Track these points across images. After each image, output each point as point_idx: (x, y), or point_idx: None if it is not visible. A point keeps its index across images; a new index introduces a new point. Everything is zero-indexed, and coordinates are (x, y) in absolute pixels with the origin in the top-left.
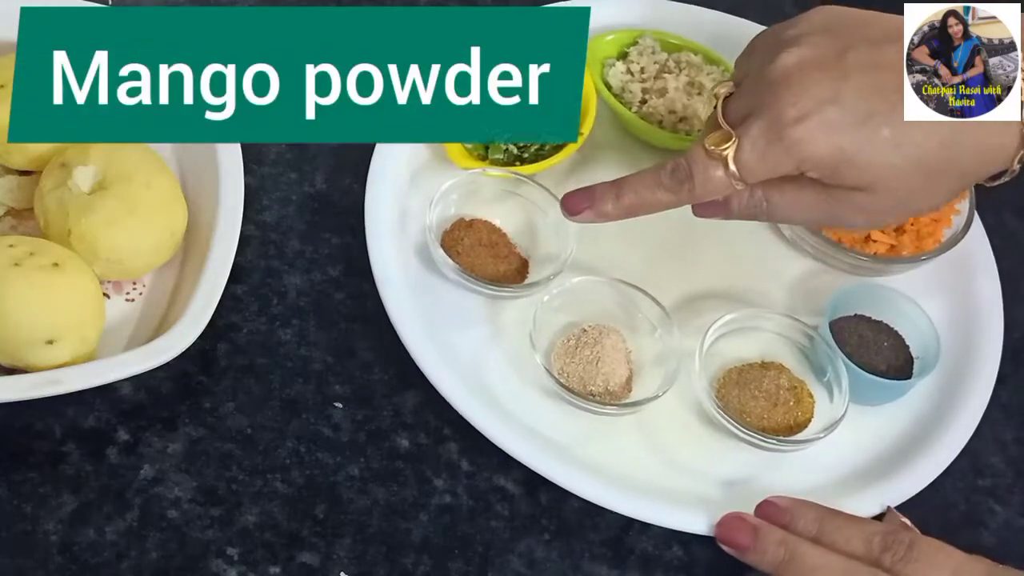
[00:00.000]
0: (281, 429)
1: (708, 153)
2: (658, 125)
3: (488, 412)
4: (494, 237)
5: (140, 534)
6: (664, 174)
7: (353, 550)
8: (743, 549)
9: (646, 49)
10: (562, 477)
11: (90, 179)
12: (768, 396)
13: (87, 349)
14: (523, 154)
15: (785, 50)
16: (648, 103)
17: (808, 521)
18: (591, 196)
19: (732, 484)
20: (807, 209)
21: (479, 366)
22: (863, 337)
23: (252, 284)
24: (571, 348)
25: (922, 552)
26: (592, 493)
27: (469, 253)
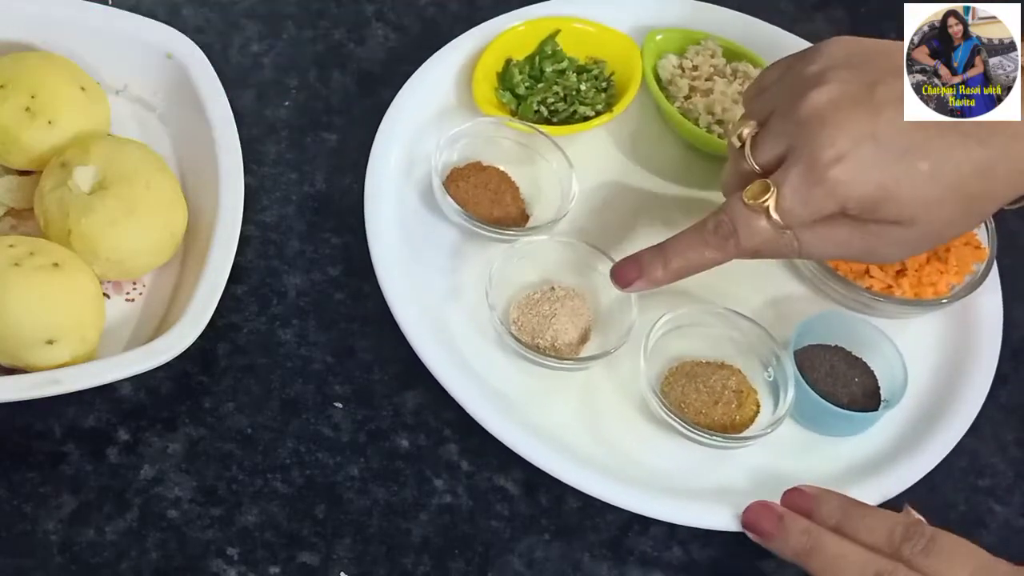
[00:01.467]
0: (281, 429)
1: (749, 207)
2: (694, 122)
3: (471, 385)
4: (502, 185)
5: (140, 534)
6: (708, 233)
7: (353, 550)
8: (768, 536)
9: (705, 51)
10: (562, 471)
11: (90, 179)
12: (712, 393)
13: (87, 349)
14: (552, 118)
15: (813, 88)
16: (691, 99)
17: (832, 509)
18: (639, 265)
19: (749, 476)
20: (840, 246)
21: (451, 328)
22: (834, 367)
23: (252, 284)
24: (533, 302)
25: (943, 546)
26: (595, 488)
27: (471, 192)
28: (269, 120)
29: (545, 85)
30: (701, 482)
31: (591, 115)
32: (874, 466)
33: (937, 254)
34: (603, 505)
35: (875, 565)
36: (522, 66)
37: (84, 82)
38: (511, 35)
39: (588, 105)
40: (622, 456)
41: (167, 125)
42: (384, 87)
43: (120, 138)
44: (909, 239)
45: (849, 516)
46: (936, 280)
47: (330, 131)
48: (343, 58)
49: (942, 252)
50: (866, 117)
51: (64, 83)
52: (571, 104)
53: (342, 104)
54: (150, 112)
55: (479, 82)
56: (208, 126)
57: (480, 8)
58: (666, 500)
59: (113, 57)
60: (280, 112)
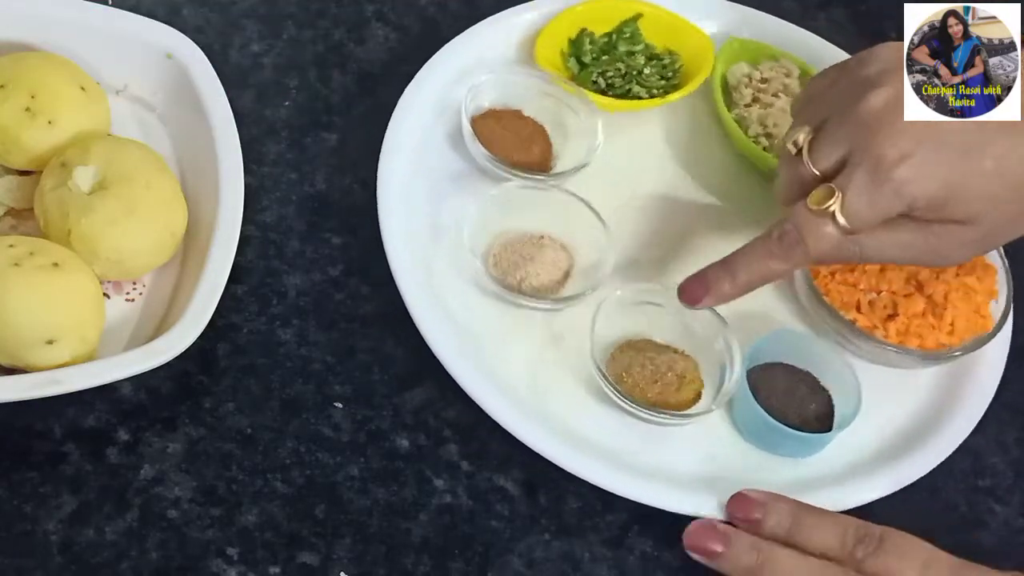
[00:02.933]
0: (281, 429)
1: (814, 212)
2: (744, 130)
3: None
4: (534, 135)
5: (140, 534)
6: (773, 244)
7: (353, 550)
8: (714, 557)
9: (780, 68)
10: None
11: (90, 179)
12: (655, 371)
13: (87, 349)
14: (607, 91)
15: (872, 90)
16: (749, 108)
17: (782, 516)
18: (706, 282)
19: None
20: (903, 248)
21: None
22: (787, 387)
23: (252, 284)
24: (514, 242)
25: (893, 544)
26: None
27: (499, 132)
28: (269, 120)
29: (610, 59)
30: (675, 466)
31: (644, 97)
32: (868, 465)
33: (935, 307)
34: (603, 505)
35: (827, 573)
36: (596, 38)
37: (84, 82)
38: (594, 6)
39: (645, 88)
40: (593, 428)
41: (167, 125)
42: (384, 87)
43: (120, 138)
44: (974, 239)
45: (799, 523)
46: (924, 334)
47: (330, 131)
48: (343, 58)
49: (940, 306)
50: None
51: (64, 83)
52: (628, 82)
53: (342, 104)
54: (150, 112)
55: (544, 40)
56: (208, 126)
57: (480, 8)
58: (631, 478)
59: (113, 57)
60: (280, 112)
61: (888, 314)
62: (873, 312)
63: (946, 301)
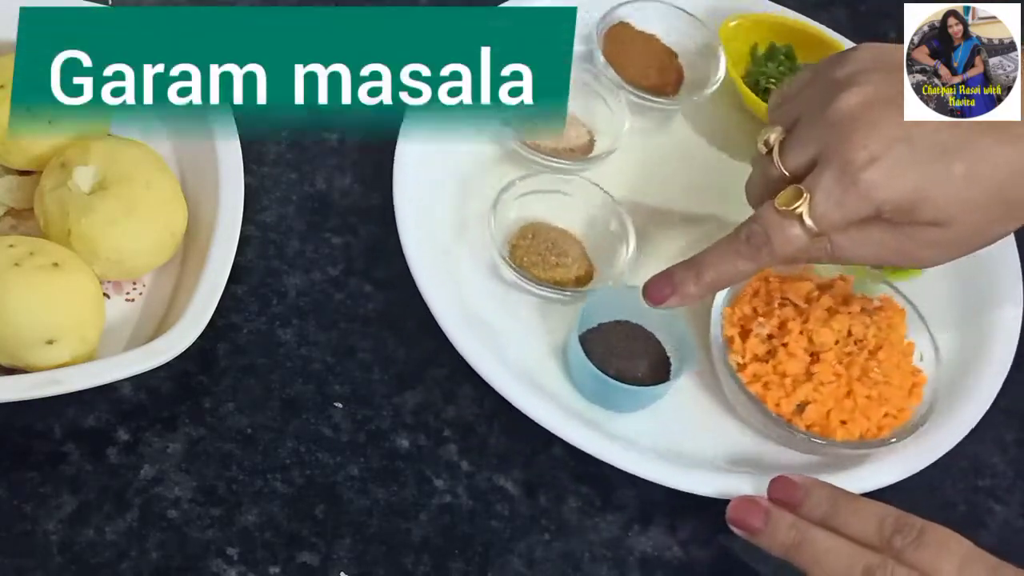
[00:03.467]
0: (281, 429)
1: (781, 213)
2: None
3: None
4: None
5: (140, 534)
6: (740, 244)
7: (353, 550)
8: (755, 532)
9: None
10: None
11: (90, 179)
12: (548, 252)
13: (87, 349)
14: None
15: (844, 90)
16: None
17: (820, 499)
18: (671, 281)
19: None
20: (874, 247)
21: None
22: (620, 344)
23: (252, 284)
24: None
25: (933, 538)
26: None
27: None
28: (269, 120)
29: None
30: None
31: None
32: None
33: (869, 397)
34: (603, 505)
35: (864, 559)
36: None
37: None
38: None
39: None
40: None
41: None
42: None
43: (120, 138)
44: (945, 241)
45: (838, 508)
46: (849, 419)
47: (330, 131)
48: None
49: (866, 397)
50: (899, 118)
51: None
52: None
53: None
54: None
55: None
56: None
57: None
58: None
59: None
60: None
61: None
62: (788, 397)
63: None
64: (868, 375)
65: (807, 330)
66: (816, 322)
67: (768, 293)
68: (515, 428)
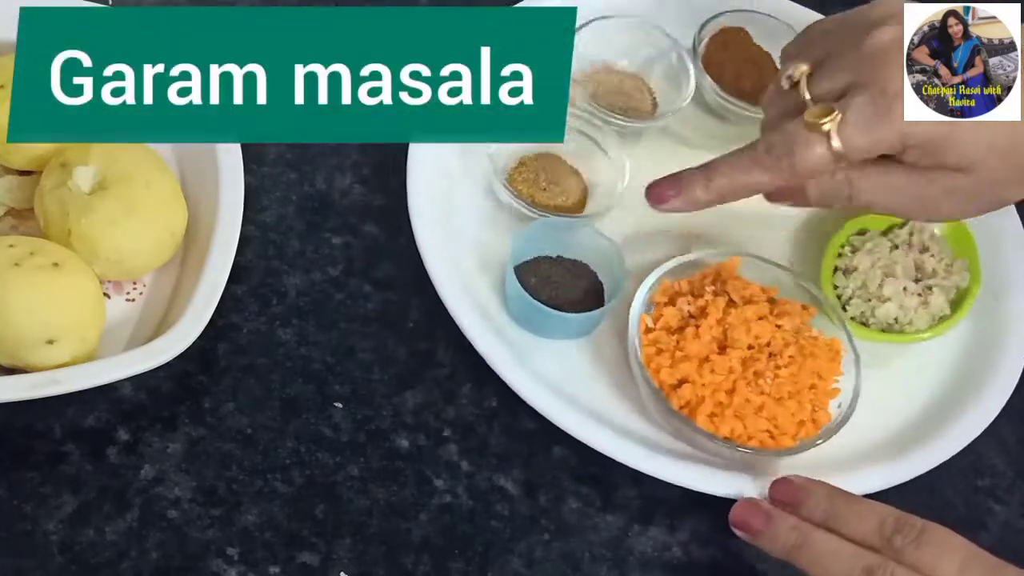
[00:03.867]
0: (281, 429)
1: (808, 126)
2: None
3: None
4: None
5: (140, 534)
6: (759, 153)
7: (353, 550)
8: (756, 533)
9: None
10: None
11: (90, 179)
12: (548, 182)
13: (87, 349)
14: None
15: (879, 28)
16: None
17: (819, 500)
18: (678, 183)
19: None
20: (894, 192)
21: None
22: (554, 274)
23: (252, 284)
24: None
25: (934, 537)
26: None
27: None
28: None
29: None
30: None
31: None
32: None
33: (748, 401)
34: (603, 505)
35: (864, 560)
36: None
37: None
38: None
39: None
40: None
41: None
42: None
43: None
44: (966, 189)
45: (838, 508)
46: (718, 414)
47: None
48: None
49: (746, 400)
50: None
51: None
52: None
53: None
54: None
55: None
56: None
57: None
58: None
59: None
60: None
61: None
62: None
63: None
64: (759, 382)
65: (726, 324)
66: (737, 319)
67: (714, 282)
68: (515, 428)
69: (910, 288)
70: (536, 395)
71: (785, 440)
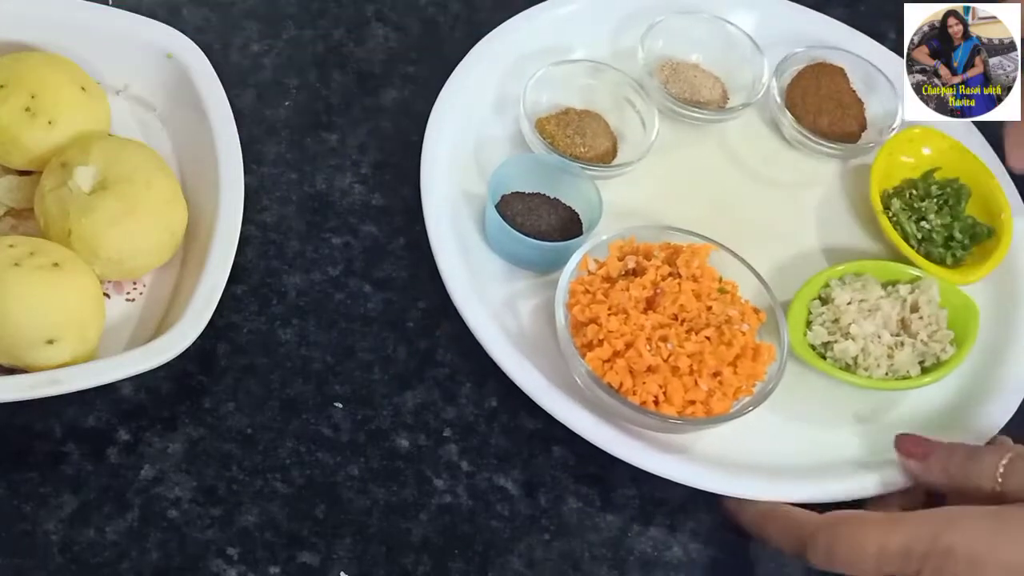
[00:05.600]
0: (281, 429)
1: None
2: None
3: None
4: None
5: (140, 534)
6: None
7: (353, 550)
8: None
9: None
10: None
11: (90, 179)
12: (575, 133)
13: (87, 349)
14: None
15: None
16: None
17: (943, 453)
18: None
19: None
20: None
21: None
22: (533, 207)
23: (252, 284)
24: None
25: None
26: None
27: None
28: (269, 120)
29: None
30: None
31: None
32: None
33: (640, 358)
34: (603, 505)
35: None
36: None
37: (84, 82)
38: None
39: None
40: None
41: (167, 125)
42: (384, 87)
43: (120, 138)
44: None
45: (956, 456)
46: (610, 362)
47: (330, 131)
48: (343, 58)
49: (639, 357)
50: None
51: (64, 83)
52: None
53: (342, 104)
54: (150, 112)
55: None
56: (208, 126)
57: (479, 9)
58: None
59: (113, 57)
60: (280, 112)
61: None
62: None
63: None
64: (660, 345)
65: (659, 288)
66: (670, 287)
67: (673, 255)
68: (515, 428)
69: (884, 337)
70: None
71: (669, 410)
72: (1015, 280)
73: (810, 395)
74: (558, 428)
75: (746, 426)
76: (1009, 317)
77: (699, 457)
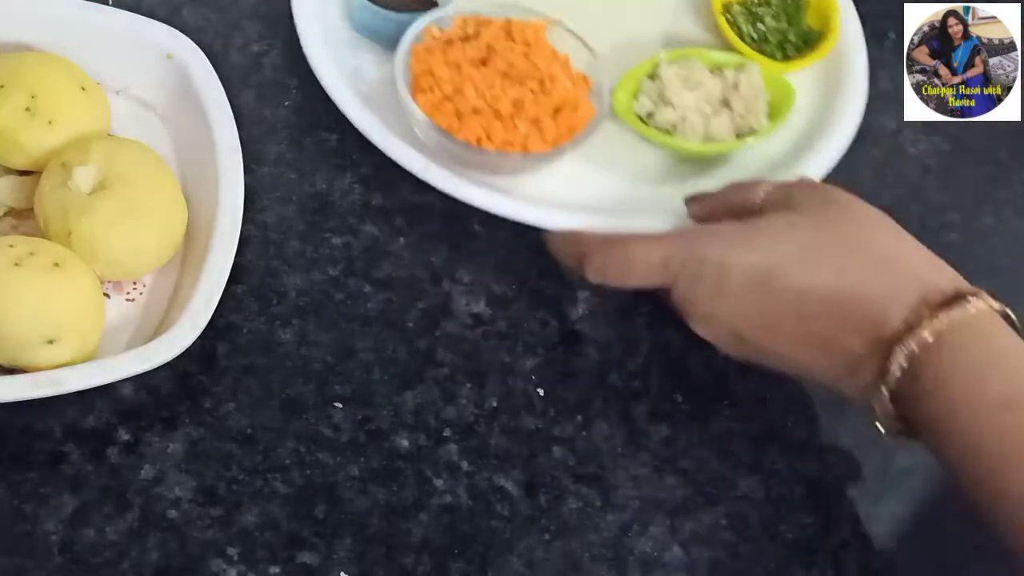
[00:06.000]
0: (281, 429)
1: None
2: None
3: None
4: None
5: (140, 534)
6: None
7: (353, 550)
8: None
9: None
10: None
11: (90, 179)
12: None
13: (87, 349)
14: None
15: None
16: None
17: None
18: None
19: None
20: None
21: None
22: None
23: (252, 284)
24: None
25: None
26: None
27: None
28: (269, 120)
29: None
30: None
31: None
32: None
33: (459, 93)
34: (603, 505)
35: None
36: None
37: (84, 82)
38: None
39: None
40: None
41: (167, 125)
42: None
43: (120, 138)
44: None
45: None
46: (431, 83)
47: (330, 131)
48: None
49: (456, 92)
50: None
51: (64, 83)
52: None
53: None
54: (150, 112)
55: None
56: (208, 126)
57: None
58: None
59: (113, 57)
60: (280, 112)
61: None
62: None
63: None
64: (485, 90)
65: (494, 48)
66: (504, 46)
67: (506, 25)
68: (515, 428)
69: (703, 109)
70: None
71: (489, 146)
72: (840, 75)
73: (634, 159)
74: (558, 428)
75: (567, 179)
76: (828, 107)
77: (523, 198)
